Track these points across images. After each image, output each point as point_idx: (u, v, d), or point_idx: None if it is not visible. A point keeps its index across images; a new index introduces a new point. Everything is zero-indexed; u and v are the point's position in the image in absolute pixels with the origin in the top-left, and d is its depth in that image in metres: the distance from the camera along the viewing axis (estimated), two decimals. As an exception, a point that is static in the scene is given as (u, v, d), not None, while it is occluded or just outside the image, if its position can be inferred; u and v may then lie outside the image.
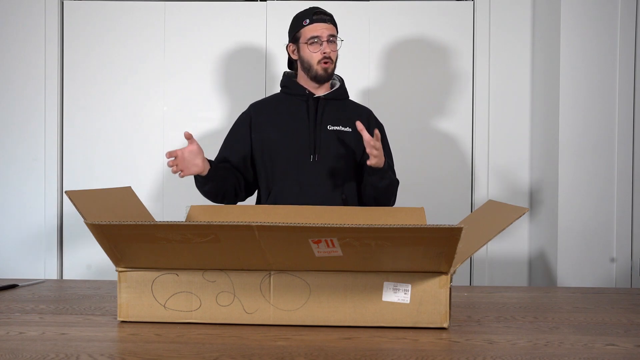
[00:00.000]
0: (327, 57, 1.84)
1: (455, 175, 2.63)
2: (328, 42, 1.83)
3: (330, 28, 1.85)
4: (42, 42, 2.64)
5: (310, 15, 1.85)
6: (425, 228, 1.02)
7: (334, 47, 1.86)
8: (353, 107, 1.96)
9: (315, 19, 1.84)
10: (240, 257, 1.12)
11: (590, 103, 2.23)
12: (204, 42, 2.64)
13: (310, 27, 1.84)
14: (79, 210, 1.15)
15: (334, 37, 1.86)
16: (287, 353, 1.00)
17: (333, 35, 1.85)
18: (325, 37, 1.83)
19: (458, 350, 1.03)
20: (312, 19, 1.85)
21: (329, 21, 1.86)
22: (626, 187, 2.22)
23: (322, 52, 1.83)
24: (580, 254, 2.24)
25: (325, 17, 1.86)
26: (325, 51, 1.83)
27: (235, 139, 1.93)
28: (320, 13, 1.86)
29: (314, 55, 1.84)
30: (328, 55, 1.83)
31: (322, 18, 1.85)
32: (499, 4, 2.60)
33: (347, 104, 1.96)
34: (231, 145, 1.93)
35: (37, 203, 2.65)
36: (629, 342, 1.09)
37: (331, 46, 1.85)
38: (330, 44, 1.84)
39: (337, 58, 1.91)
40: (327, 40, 1.83)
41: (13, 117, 2.66)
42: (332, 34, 1.85)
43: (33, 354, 0.99)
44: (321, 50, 1.83)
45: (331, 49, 1.85)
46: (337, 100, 1.91)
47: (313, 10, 1.86)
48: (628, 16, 2.21)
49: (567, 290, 1.59)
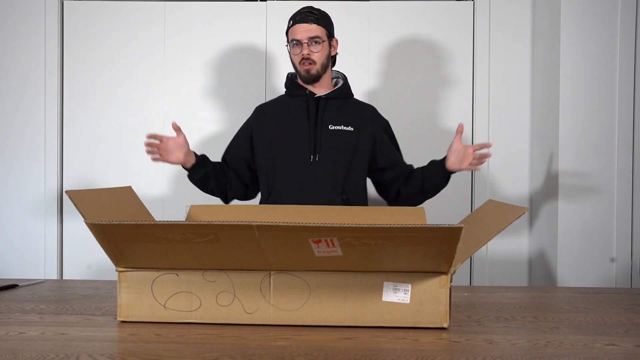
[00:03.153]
0: (305, 58, 1.81)
1: (455, 176, 2.63)
2: (308, 44, 1.80)
3: (312, 29, 1.80)
4: (42, 42, 2.64)
5: (296, 15, 1.83)
6: (425, 228, 1.02)
7: (317, 48, 1.82)
8: (356, 105, 1.95)
9: (298, 19, 1.82)
10: (240, 257, 1.12)
11: (590, 103, 2.23)
12: (204, 42, 2.64)
13: (292, 28, 1.83)
14: (80, 209, 1.15)
15: (317, 38, 1.81)
16: (287, 353, 1.00)
17: (317, 37, 1.81)
18: (305, 39, 1.80)
19: (458, 350, 1.03)
20: (295, 19, 1.83)
21: (313, 21, 1.81)
22: (626, 187, 2.22)
23: (301, 54, 1.81)
24: (580, 254, 2.24)
25: (309, 16, 1.81)
26: (303, 53, 1.80)
27: (236, 144, 1.96)
28: (305, 13, 1.82)
29: (295, 57, 1.84)
30: (306, 56, 1.81)
31: (305, 18, 1.81)
32: (499, 4, 2.60)
33: (350, 102, 1.94)
34: (232, 148, 1.96)
35: (37, 203, 2.65)
36: (629, 342, 1.09)
37: (313, 47, 1.81)
38: (312, 45, 1.81)
39: (331, 58, 1.89)
40: (307, 43, 1.80)
41: (13, 117, 2.66)
42: (316, 35, 1.80)
43: (33, 354, 0.99)
44: (300, 52, 1.81)
45: (312, 50, 1.81)
46: (338, 99, 1.90)
47: (300, 10, 1.84)
48: (628, 16, 2.21)
49: (567, 290, 1.59)
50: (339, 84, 1.94)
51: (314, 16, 1.82)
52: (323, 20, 1.84)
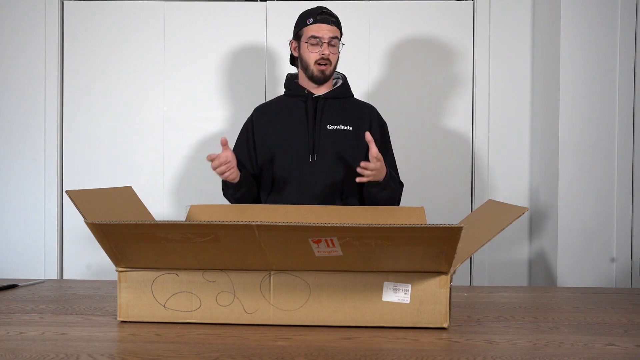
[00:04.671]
0: (324, 58, 1.82)
1: (455, 175, 2.63)
2: (328, 44, 1.82)
3: (333, 30, 1.83)
4: (42, 42, 2.64)
5: (315, 14, 1.84)
6: (425, 227, 1.02)
7: (335, 50, 1.84)
8: (355, 105, 1.95)
9: (320, 19, 1.83)
10: (240, 256, 1.12)
11: (590, 103, 2.23)
12: (204, 42, 2.64)
13: (312, 26, 1.83)
14: (80, 209, 1.15)
15: (336, 40, 1.84)
16: (287, 353, 1.00)
17: (335, 38, 1.83)
18: (326, 39, 1.81)
19: (458, 350, 1.03)
20: (316, 18, 1.83)
21: (334, 23, 1.84)
22: (626, 187, 2.22)
23: (321, 53, 1.82)
24: (580, 254, 2.24)
25: (330, 18, 1.83)
26: (324, 52, 1.81)
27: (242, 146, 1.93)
28: (326, 14, 1.84)
29: (312, 56, 1.84)
30: (326, 56, 1.82)
31: (327, 19, 1.83)
32: (499, 4, 2.60)
33: (349, 102, 1.94)
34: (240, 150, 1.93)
35: (37, 203, 2.65)
36: (629, 342, 1.09)
37: (331, 49, 1.83)
38: (330, 47, 1.82)
39: (338, 60, 1.90)
40: (328, 42, 1.81)
41: (13, 117, 2.66)
42: (335, 36, 1.83)
43: (33, 354, 0.99)
44: (320, 51, 1.82)
45: (331, 51, 1.83)
46: (337, 98, 1.90)
47: (319, 10, 1.85)
48: (628, 16, 2.21)
49: (567, 290, 1.59)
50: (339, 84, 1.94)
51: (334, 18, 1.85)
52: (338, 23, 1.88)
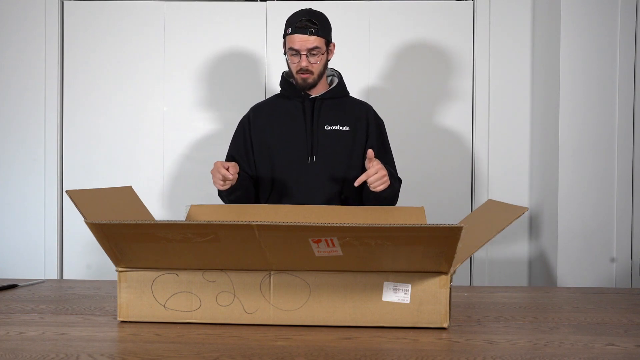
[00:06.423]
0: (303, 70, 1.80)
1: (455, 175, 2.63)
2: (308, 55, 1.78)
3: (312, 40, 1.77)
4: (42, 42, 2.64)
5: (294, 24, 1.79)
6: (425, 227, 1.02)
7: (316, 59, 1.80)
8: (351, 104, 1.94)
9: (297, 30, 1.78)
10: (240, 256, 1.12)
11: (590, 103, 2.23)
12: (204, 42, 2.64)
13: (291, 37, 1.79)
14: (80, 209, 1.15)
15: (316, 50, 1.78)
16: (287, 353, 1.00)
17: (316, 48, 1.78)
18: (303, 51, 1.77)
19: (458, 350, 1.03)
20: (294, 28, 1.78)
21: (314, 32, 1.77)
22: (626, 187, 2.22)
23: (299, 65, 1.79)
24: (580, 254, 2.24)
25: (310, 27, 1.78)
26: (302, 64, 1.79)
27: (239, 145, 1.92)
28: (306, 22, 1.78)
29: (292, 66, 1.82)
30: (305, 68, 1.79)
31: (305, 29, 1.77)
32: (499, 4, 2.60)
33: (346, 101, 1.93)
34: (237, 150, 1.92)
35: (37, 203, 2.65)
36: (629, 342, 1.09)
37: (311, 58, 1.79)
38: (311, 56, 1.79)
39: (327, 65, 1.87)
40: (307, 54, 1.78)
41: (13, 117, 2.66)
42: (314, 46, 1.77)
43: (33, 354, 0.99)
44: (298, 63, 1.79)
45: (310, 61, 1.79)
46: (334, 98, 1.90)
47: (299, 18, 1.79)
48: (628, 16, 2.21)
49: (567, 290, 1.60)
50: (334, 82, 1.93)
51: (314, 27, 1.78)
52: (322, 29, 1.80)
